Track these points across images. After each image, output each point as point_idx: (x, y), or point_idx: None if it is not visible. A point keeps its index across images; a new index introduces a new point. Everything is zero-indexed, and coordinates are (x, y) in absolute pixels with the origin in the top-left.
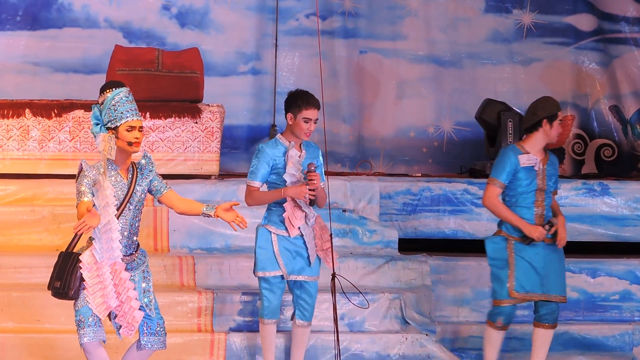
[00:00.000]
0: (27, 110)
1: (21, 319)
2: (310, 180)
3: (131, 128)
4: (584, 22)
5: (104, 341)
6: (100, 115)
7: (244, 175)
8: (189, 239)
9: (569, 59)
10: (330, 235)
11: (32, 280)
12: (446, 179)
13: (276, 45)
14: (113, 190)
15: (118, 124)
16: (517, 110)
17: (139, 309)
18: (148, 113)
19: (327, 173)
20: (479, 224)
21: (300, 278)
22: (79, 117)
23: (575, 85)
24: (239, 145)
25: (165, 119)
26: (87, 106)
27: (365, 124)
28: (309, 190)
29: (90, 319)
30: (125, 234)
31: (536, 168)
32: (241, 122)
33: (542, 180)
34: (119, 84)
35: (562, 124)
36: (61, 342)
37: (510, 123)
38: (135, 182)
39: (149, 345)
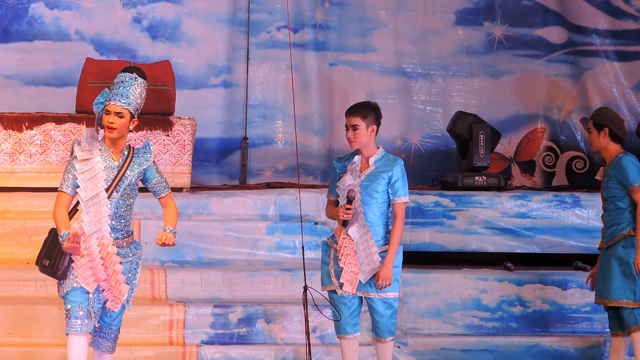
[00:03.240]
0: None
1: None
2: (348, 204)
3: (108, 112)
4: (554, 34)
5: (90, 333)
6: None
7: (216, 188)
8: (161, 251)
9: (540, 72)
10: (302, 247)
11: (4, 294)
12: (418, 191)
13: (248, 58)
14: (104, 164)
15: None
16: (488, 123)
17: (126, 283)
18: None
19: (299, 186)
20: (450, 236)
21: (359, 294)
22: (50, 130)
23: (546, 97)
24: (211, 158)
25: (137, 132)
26: (58, 119)
27: (336, 136)
28: (346, 210)
29: (78, 309)
30: (112, 216)
31: None
32: (213, 134)
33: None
34: (128, 70)
35: (532, 135)
36: (32, 355)
37: (481, 135)
38: (128, 166)
39: (98, 348)
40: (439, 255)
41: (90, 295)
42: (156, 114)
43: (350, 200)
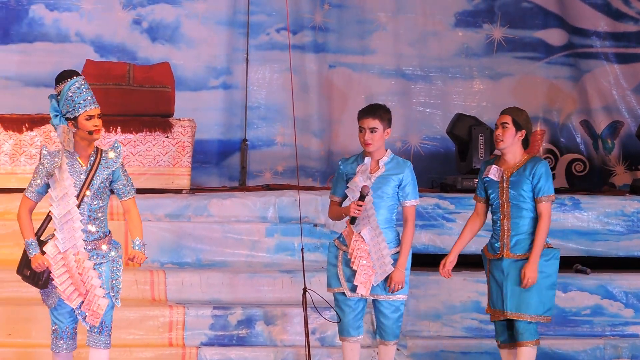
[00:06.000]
0: None
1: None
2: (360, 200)
3: (90, 117)
4: (554, 36)
5: (75, 348)
6: (58, 106)
7: (215, 190)
8: (160, 253)
9: (539, 74)
10: (302, 249)
11: (3, 295)
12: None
13: (247, 60)
14: (72, 180)
15: (77, 114)
16: (488, 125)
17: (104, 297)
18: (119, 127)
19: (298, 188)
20: (450, 239)
21: (367, 296)
22: (50, 132)
23: (546, 100)
24: (210, 159)
25: (137, 134)
26: None
27: (335, 138)
28: (357, 207)
29: (64, 332)
30: (85, 219)
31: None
32: (212, 136)
33: None
34: (74, 74)
35: (532, 138)
36: (31, 356)
37: (481, 138)
38: (96, 169)
39: (95, 345)
40: (438, 257)
41: (75, 310)
42: (156, 116)
43: (363, 197)
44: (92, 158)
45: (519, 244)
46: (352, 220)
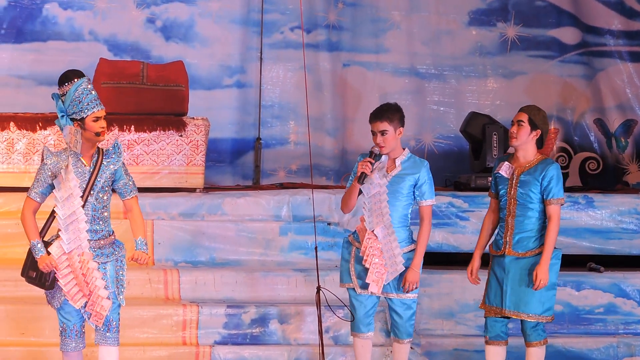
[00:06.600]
0: (11, 124)
1: (5, 333)
2: (370, 157)
3: (97, 118)
4: (568, 35)
5: (84, 346)
6: (64, 106)
7: (229, 189)
8: (174, 252)
9: (553, 72)
10: (315, 248)
11: (17, 294)
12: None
13: (261, 59)
14: (77, 181)
15: (84, 116)
16: (502, 124)
17: (108, 298)
18: (133, 126)
19: (312, 186)
20: (463, 237)
21: (379, 294)
22: None
23: (559, 98)
24: (224, 158)
25: (150, 132)
26: None
27: (349, 137)
28: (367, 162)
29: (72, 330)
30: (90, 219)
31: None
32: (226, 135)
33: None
34: (79, 74)
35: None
36: (46, 355)
37: (495, 136)
38: (99, 169)
39: (105, 342)
40: (452, 256)
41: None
42: (169, 114)
43: (373, 155)
44: (94, 158)
45: (521, 242)
46: (360, 178)
